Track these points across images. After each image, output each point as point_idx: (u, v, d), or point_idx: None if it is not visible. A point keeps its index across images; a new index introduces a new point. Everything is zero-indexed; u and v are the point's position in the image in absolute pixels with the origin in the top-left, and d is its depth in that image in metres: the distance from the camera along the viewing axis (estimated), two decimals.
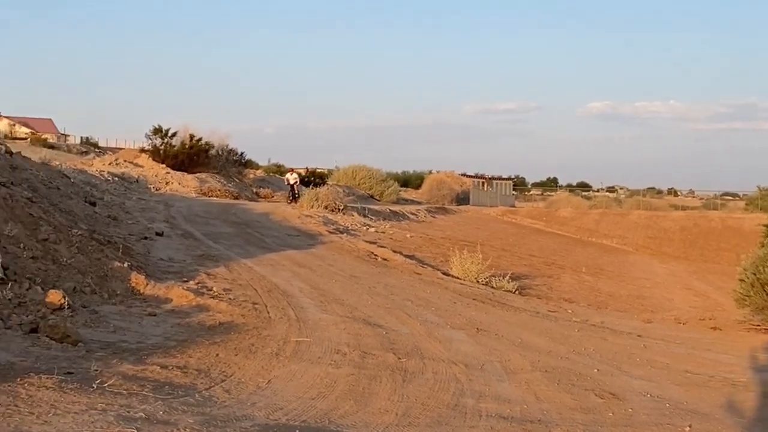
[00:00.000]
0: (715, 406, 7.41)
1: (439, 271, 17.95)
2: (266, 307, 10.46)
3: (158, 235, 16.94)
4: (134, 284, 10.47)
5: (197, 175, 35.62)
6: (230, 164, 41.08)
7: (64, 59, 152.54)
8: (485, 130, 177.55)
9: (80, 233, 12.34)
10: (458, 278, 17.05)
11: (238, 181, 39.78)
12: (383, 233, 25.85)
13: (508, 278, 17.03)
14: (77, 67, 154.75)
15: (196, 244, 16.82)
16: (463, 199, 56.58)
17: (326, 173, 56.12)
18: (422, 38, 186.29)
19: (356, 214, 29.89)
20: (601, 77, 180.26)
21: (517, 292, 16.47)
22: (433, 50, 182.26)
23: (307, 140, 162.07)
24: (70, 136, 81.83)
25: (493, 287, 16.38)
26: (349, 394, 6.65)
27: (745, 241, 29.44)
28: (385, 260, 18.42)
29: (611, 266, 28.40)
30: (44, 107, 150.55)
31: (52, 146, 60.31)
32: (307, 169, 55.97)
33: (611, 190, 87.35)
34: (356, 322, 10.11)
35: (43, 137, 67.85)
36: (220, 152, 40.30)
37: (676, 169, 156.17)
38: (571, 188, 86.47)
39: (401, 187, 56.16)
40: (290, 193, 34.82)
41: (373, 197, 45.23)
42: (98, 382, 5.80)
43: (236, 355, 7.60)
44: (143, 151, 39.56)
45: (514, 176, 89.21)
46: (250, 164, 49.15)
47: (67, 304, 8.24)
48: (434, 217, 39.60)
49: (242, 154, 43.33)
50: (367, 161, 65.35)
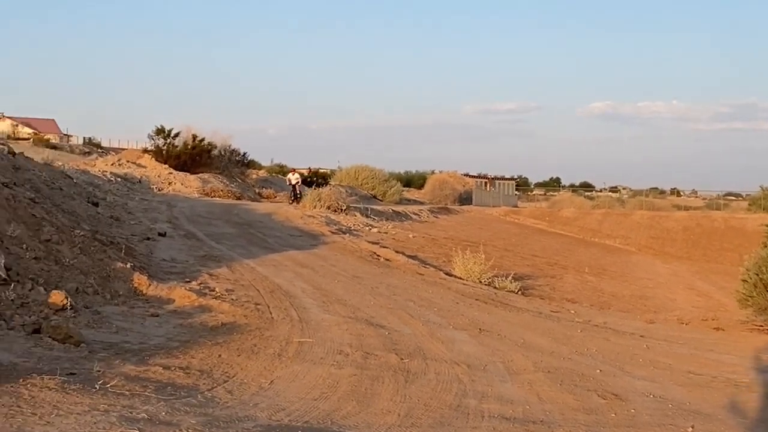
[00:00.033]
0: (717, 406, 7.40)
1: (441, 271, 17.95)
2: (269, 307, 10.46)
3: (161, 235, 16.94)
4: (137, 285, 10.48)
5: (200, 175, 35.61)
6: (233, 164, 41.02)
7: (66, 60, 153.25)
8: (488, 130, 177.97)
9: (83, 234, 12.35)
10: (461, 278, 17.04)
11: (240, 181, 39.76)
12: (386, 233, 25.85)
13: (510, 278, 17.02)
14: (80, 67, 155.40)
15: (198, 244, 16.83)
16: (465, 199, 56.61)
17: (329, 173, 56.07)
18: (423, 38, 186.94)
19: (359, 214, 29.89)
20: (602, 77, 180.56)
21: (519, 292, 16.47)
22: (434, 50, 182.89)
23: (309, 140, 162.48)
24: (72, 136, 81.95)
25: (495, 287, 16.37)
26: (351, 394, 6.65)
27: (747, 241, 29.40)
28: (387, 260, 18.42)
29: (614, 266, 28.38)
30: (47, 108, 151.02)
31: (54, 147, 60.44)
32: (309, 169, 55.97)
33: (614, 190, 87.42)
34: (359, 322, 10.11)
35: (45, 138, 67.98)
36: (222, 152, 40.22)
37: (677, 169, 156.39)
38: (573, 188, 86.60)
39: (404, 187, 56.09)
40: (292, 193, 34.72)
41: (375, 197, 45.21)
42: (101, 382, 5.81)
43: (239, 355, 7.60)
44: (146, 151, 39.58)
45: (516, 176, 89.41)
46: (252, 164, 49.06)
47: (69, 304, 8.26)
48: (437, 217, 39.60)
49: (245, 154, 43.26)
50: (369, 161, 65.59)
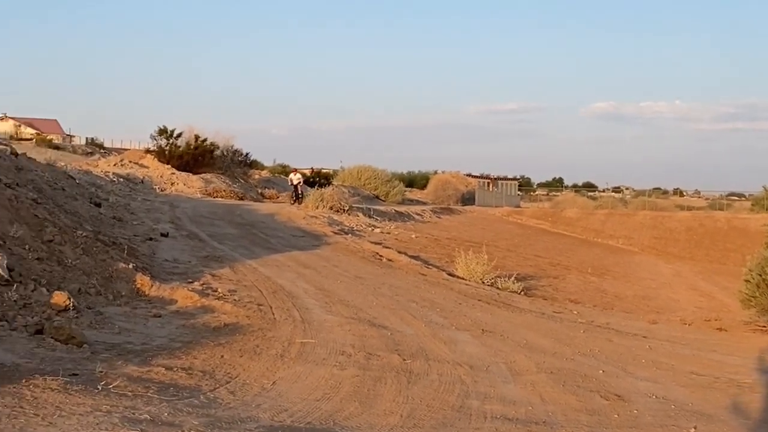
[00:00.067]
0: (720, 407, 7.38)
1: (444, 271, 17.95)
2: (271, 308, 10.46)
3: (163, 236, 16.93)
4: (139, 285, 10.49)
5: (202, 175, 35.60)
6: (235, 165, 40.99)
7: (68, 60, 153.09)
8: (490, 130, 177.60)
9: (85, 234, 12.36)
10: (463, 279, 17.04)
11: (243, 181, 39.74)
12: (388, 234, 25.85)
13: (513, 279, 17.01)
14: (82, 67, 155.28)
15: (201, 245, 16.83)
16: (468, 199, 56.55)
17: (331, 174, 56.01)
18: (425, 38, 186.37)
19: (361, 214, 29.88)
20: (604, 77, 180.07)
21: (522, 292, 16.46)
22: (436, 50, 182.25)
23: (312, 140, 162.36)
24: (75, 136, 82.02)
25: (498, 288, 16.36)
26: (353, 395, 6.65)
27: (750, 241, 29.36)
28: (390, 261, 18.42)
29: (617, 267, 28.37)
30: (49, 108, 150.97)
31: (57, 147, 60.62)
32: (312, 169, 55.82)
33: (617, 190, 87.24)
34: (361, 323, 10.10)
35: (48, 138, 68.13)
36: (225, 153, 40.20)
37: (680, 169, 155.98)
38: (576, 188, 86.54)
39: (406, 187, 56.02)
40: (293, 193, 34.63)
41: (378, 198, 45.16)
42: (103, 383, 5.81)
43: (241, 356, 7.60)
44: (148, 151, 39.49)
45: (519, 176, 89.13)
46: (255, 165, 48.97)
47: (72, 305, 8.26)
48: (439, 217, 39.59)
49: (247, 154, 43.17)
50: (372, 161, 65.41)
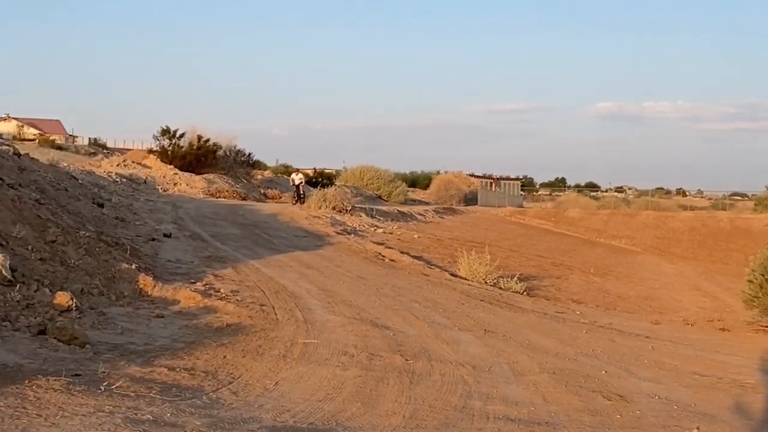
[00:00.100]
0: (723, 408, 7.38)
1: (446, 272, 17.93)
2: (274, 308, 10.47)
3: (166, 236, 16.94)
4: (142, 286, 10.50)
5: (205, 176, 35.63)
6: (238, 165, 41.04)
7: (71, 60, 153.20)
8: (493, 130, 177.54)
9: (88, 235, 12.38)
10: (466, 279, 17.02)
11: (245, 182, 39.76)
12: (391, 234, 25.83)
13: (516, 279, 16.98)
14: (84, 67, 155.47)
15: (203, 245, 16.84)
16: (471, 199, 56.50)
17: (334, 174, 56.08)
18: (427, 38, 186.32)
19: (364, 214, 29.86)
20: (607, 77, 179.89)
21: (525, 293, 16.44)
22: (438, 50, 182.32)
23: (314, 141, 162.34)
24: (78, 137, 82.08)
25: (501, 288, 16.35)
26: (356, 396, 6.65)
27: (753, 241, 29.34)
28: (392, 261, 18.42)
29: (619, 267, 28.33)
30: (52, 108, 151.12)
31: (60, 147, 60.64)
32: (314, 169, 55.99)
33: (619, 190, 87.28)
34: (363, 323, 10.11)
35: (51, 138, 68.25)
36: (227, 153, 40.23)
37: (683, 169, 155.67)
38: (579, 188, 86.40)
39: (409, 187, 56.01)
40: (295, 193, 34.57)
41: (381, 198, 45.15)
42: (106, 384, 5.82)
43: (244, 356, 7.61)
44: (151, 152, 39.55)
45: (522, 176, 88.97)
46: (257, 165, 49.07)
47: (74, 305, 8.27)
48: (442, 217, 39.56)
49: (250, 154, 43.26)
50: (374, 162, 65.30)
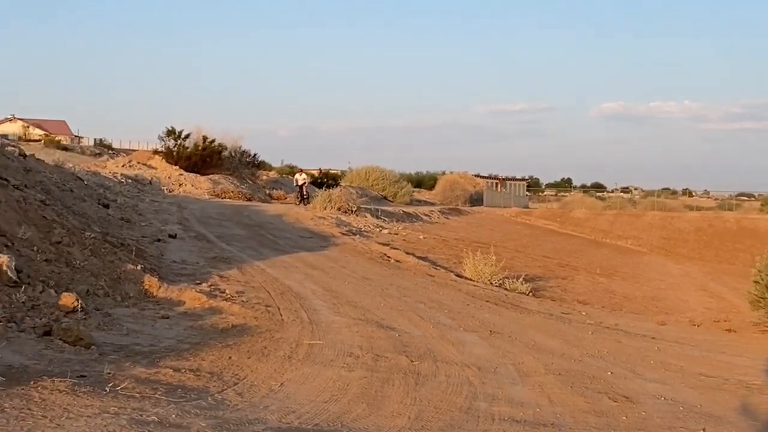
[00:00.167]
0: (729, 409, 7.34)
1: (452, 272, 17.92)
2: (279, 309, 10.46)
3: (171, 237, 16.96)
4: (147, 287, 10.50)
5: (210, 176, 35.64)
6: (243, 166, 41.01)
7: (77, 61, 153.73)
8: (498, 130, 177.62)
9: (93, 236, 12.40)
10: (471, 280, 17.01)
11: (251, 182, 39.75)
12: (396, 235, 25.84)
13: (521, 280, 16.97)
14: (91, 68, 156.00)
15: (209, 246, 16.86)
16: (476, 200, 56.49)
17: (339, 174, 56.02)
18: (426, 39, 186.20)
19: (369, 215, 29.87)
20: (613, 78, 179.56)
21: (530, 293, 16.42)
22: (443, 50, 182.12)
23: (319, 141, 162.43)
24: (83, 137, 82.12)
25: (506, 289, 16.33)
26: (361, 397, 6.64)
27: (760, 241, 29.32)
28: (397, 262, 18.41)
29: (625, 267, 28.27)
30: (58, 109, 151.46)
31: (65, 148, 60.78)
32: (320, 170, 55.88)
33: (625, 190, 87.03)
34: (369, 324, 10.10)
35: (56, 139, 68.27)
36: (233, 154, 40.22)
37: (689, 169, 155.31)
38: (585, 189, 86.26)
39: (414, 188, 55.89)
40: (299, 194, 34.48)
41: (386, 198, 45.14)
42: (111, 385, 5.82)
43: (249, 357, 7.61)
44: (156, 152, 39.60)
45: (527, 177, 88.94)
46: (263, 165, 49.00)
47: (80, 306, 8.28)
48: (447, 218, 39.55)
49: (255, 155, 43.15)
50: (379, 162, 65.04)
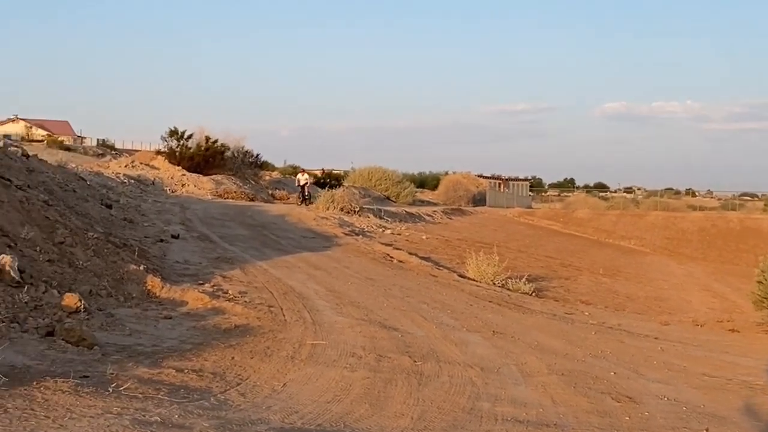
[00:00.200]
0: (732, 409, 7.33)
1: (455, 273, 17.91)
2: (282, 309, 10.47)
3: (174, 237, 16.97)
4: (150, 287, 10.51)
5: (213, 177, 35.65)
6: (246, 166, 41.00)
7: (77, 61, 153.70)
8: (500, 130, 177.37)
9: (96, 236, 12.41)
10: (474, 280, 17.00)
11: (253, 182, 39.74)
12: (399, 235, 25.83)
13: (524, 280, 16.94)
14: (91, 68, 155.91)
15: (211, 246, 16.87)
16: (479, 200, 56.45)
17: (342, 175, 56.02)
18: (426, 39, 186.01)
19: (372, 215, 29.88)
20: (616, 78, 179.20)
21: (533, 294, 16.40)
22: (446, 51, 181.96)
23: (322, 141, 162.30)
24: (86, 138, 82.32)
25: (509, 289, 16.31)
26: (364, 397, 6.64)
27: (763, 242, 29.28)
28: (400, 262, 18.41)
29: (629, 267, 28.22)
30: (58, 109, 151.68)
31: (68, 148, 60.84)
32: (323, 170, 55.89)
33: (628, 190, 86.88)
34: (372, 324, 10.09)
35: (59, 139, 68.39)
36: (235, 154, 40.21)
37: (692, 169, 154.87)
38: (588, 189, 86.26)
39: (417, 188, 55.95)
40: (300, 194, 34.46)
41: (389, 199, 45.15)
42: (114, 385, 5.83)
43: (252, 358, 7.61)
44: (159, 153, 39.52)
45: (530, 177, 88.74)
46: (265, 166, 48.98)
47: (83, 307, 8.29)
48: (450, 218, 39.53)
49: (258, 155, 43.11)
50: (381, 162, 65.07)
